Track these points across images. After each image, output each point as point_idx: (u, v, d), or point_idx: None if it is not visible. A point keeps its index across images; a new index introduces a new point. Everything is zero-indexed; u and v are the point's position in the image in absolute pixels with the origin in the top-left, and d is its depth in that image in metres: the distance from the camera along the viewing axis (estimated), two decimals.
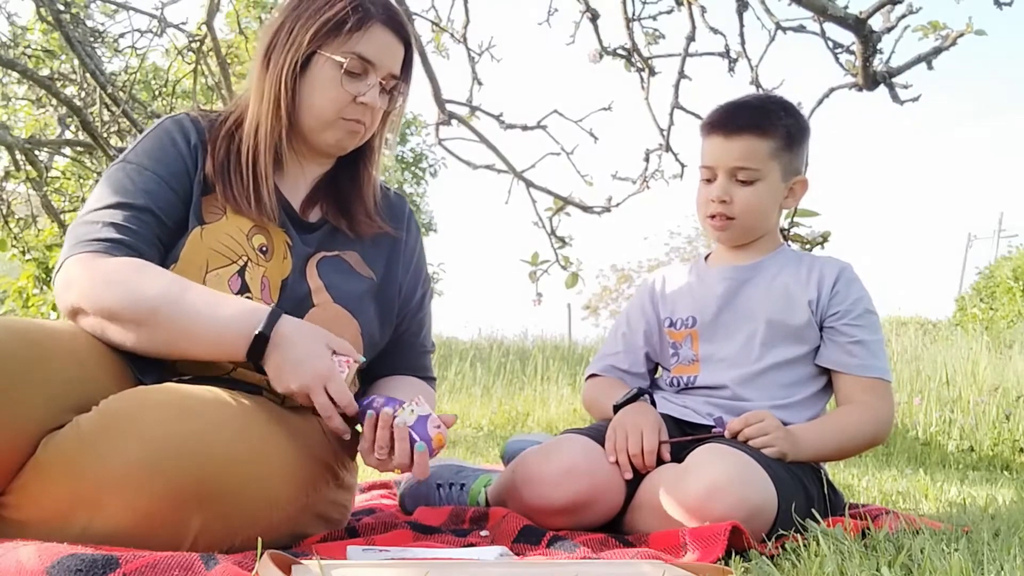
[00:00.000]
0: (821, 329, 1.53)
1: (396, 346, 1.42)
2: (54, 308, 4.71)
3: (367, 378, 1.41)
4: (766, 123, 1.52)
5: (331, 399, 1.11)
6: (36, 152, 4.36)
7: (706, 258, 1.70)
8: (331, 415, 1.12)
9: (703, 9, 2.89)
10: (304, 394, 1.11)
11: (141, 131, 3.23)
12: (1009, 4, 2.20)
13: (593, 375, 1.73)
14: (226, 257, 1.21)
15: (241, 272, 1.22)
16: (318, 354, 1.11)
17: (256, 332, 1.09)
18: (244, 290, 1.21)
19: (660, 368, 1.71)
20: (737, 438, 1.36)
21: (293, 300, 1.25)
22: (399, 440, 1.12)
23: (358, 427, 1.19)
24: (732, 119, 1.55)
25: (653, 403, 1.55)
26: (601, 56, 3.13)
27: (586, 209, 3.26)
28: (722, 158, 1.53)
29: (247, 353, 1.09)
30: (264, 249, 1.25)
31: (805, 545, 1.10)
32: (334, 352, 1.13)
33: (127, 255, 1.15)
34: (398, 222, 1.43)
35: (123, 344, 1.14)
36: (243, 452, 1.02)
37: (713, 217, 1.55)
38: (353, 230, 1.34)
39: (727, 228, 1.55)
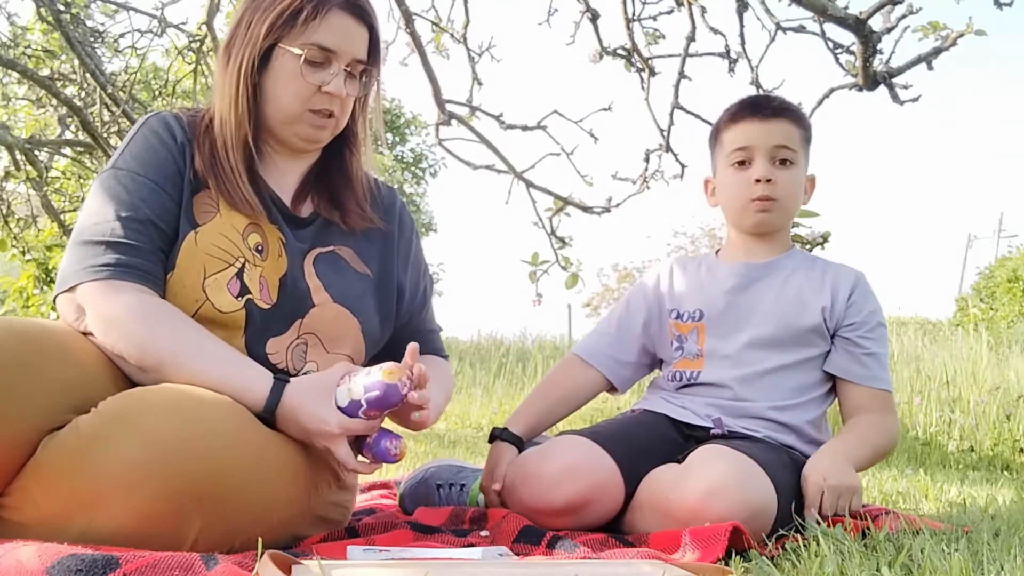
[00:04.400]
0: (833, 336, 1.52)
1: (407, 337, 1.40)
2: (54, 308, 4.69)
3: None
4: (797, 112, 1.56)
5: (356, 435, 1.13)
6: (36, 152, 4.36)
7: (716, 253, 1.68)
8: (350, 468, 1.12)
9: (703, 9, 2.89)
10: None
11: None
12: (1009, 4, 2.20)
13: (576, 355, 1.67)
14: (223, 261, 1.19)
15: (239, 274, 1.20)
16: (322, 418, 1.10)
17: (259, 413, 1.09)
18: (244, 292, 1.19)
19: (662, 364, 1.69)
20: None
21: (293, 299, 1.24)
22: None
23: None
24: (766, 103, 1.57)
25: (516, 442, 1.54)
26: (601, 56, 3.13)
27: (586, 209, 3.26)
28: (762, 138, 1.51)
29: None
30: (260, 248, 1.23)
31: (805, 545, 1.10)
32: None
33: (136, 279, 1.13)
34: (389, 216, 1.40)
35: (131, 374, 1.15)
36: (243, 454, 1.01)
37: (757, 200, 1.51)
38: (346, 222, 1.32)
39: (772, 210, 1.52)
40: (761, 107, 1.55)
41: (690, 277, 1.65)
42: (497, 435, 1.56)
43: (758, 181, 1.50)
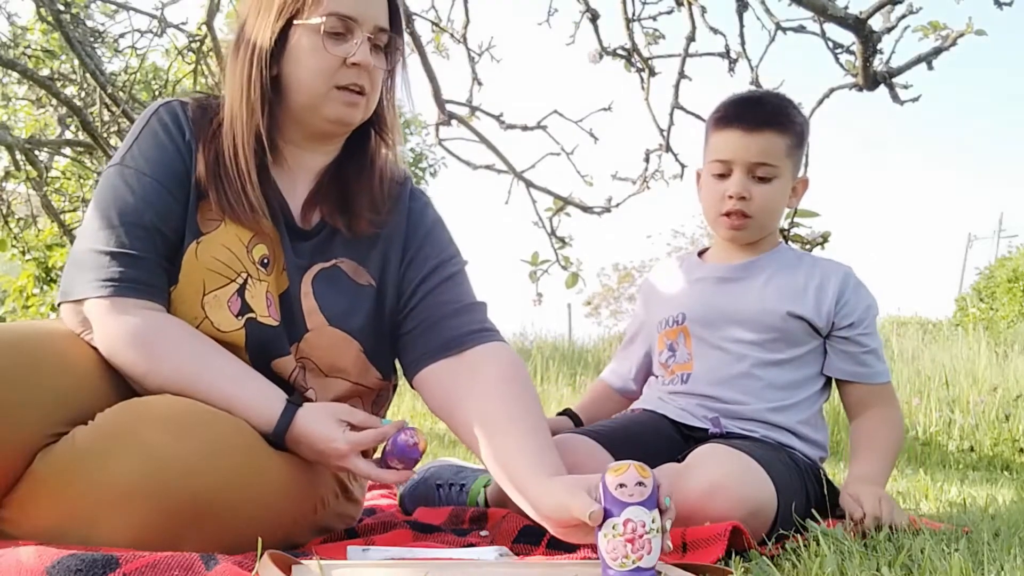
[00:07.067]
0: (827, 337, 1.52)
1: (433, 318, 1.23)
2: (53, 308, 4.71)
3: (417, 358, 1.24)
4: (785, 120, 1.50)
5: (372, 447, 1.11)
6: (36, 152, 4.36)
7: (700, 254, 1.69)
8: (374, 478, 1.09)
9: (703, 9, 2.88)
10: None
11: None
12: (1009, 4, 2.19)
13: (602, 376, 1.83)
14: (223, 276, 1.14)
15: (240, 291, 1.14)
16: (331, 437, 1.06)
17: (271, 434, 1.07)
18: (245, 311, 1.14)
19: (658, 367, 1.69)
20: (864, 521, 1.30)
21: (291, 321, 1.18)
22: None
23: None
24: (753, 114, 1.51)
25: (576, 420, 1.67)
26: (601, 56, 3.12)
27: (586, 209, 3.26)
28: (742, 153, 1.48)
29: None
30: (265, 261, 1.17)
31: (805, 545, 1.10)
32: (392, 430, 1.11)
33: (141, 295, 1.10)
34: (396, 211, 1.28)
35: (135, 386, 1.12)
36: (244, 471, 1.00)
37: (728, 215, 1.51)
38: (351, 229, 1.22)
39: (744, 227, 1.52)
40: (746, 117, 1.50)
41: (672, 281, 1.67)
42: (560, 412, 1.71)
43: (731, 197, 1.50)
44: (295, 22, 1.14)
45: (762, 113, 1.51)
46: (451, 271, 1.27)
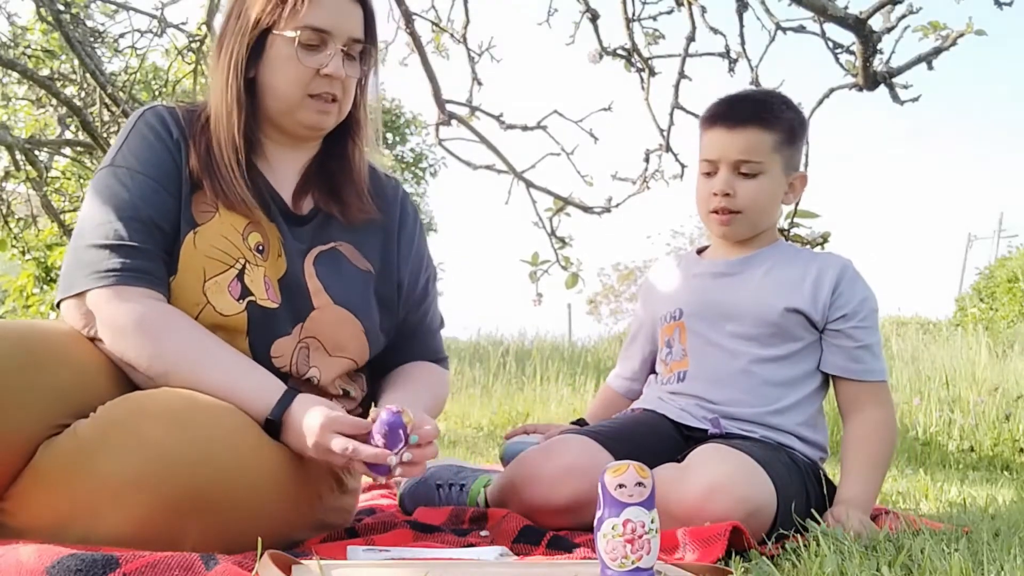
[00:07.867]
0: (823, 331, 1.51)
1: (403, 335, 1.37)
2: (53, 308, 4.71)
3: (379, 370, 1.37)
4: (769, 115, 1.51)
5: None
6: (36, 152, 4.36)
7: (700, 251, 1.69)
8: (351, 453, 1.06)
9: (703, 9, 2.89)
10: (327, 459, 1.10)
11: None
12: (1009, 4, 2.20)
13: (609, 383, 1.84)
14: (222, 263, 1.17)
15: (240, 276, 1.18)
16: (308, 423, 1.06)
17: (267, 418, 1.08)
18: (246, 294, 1.17)
19: (660, 363, 1.69)
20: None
21: (293, 302, 1.21)
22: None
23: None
24: (735, 111, 1.52)
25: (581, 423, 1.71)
26: (601, 56, 3.13)
27: (586, 209, 3.26)
28: (725, 150, 1.50)
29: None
30: (260, 248, 1.21)
31: (805, 545, 1.10)
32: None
33: (143, 284, 1.11)
34: (390, 207, 1.36)
35: (136, 379, 1.13)
36: (242, 463, 1.01)
37: (716, 212, 1.52)
38: (345, 216, 1.28)
39: (731, 223, 1.52)
40: (728, 116, 1.51)
41: (670, 278, 1.67)
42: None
43: (715, 195, 1.51)
44: (272, 31, 1.20)
45: (744, 110, 1.52)
46: (430, 291, 1.41)
